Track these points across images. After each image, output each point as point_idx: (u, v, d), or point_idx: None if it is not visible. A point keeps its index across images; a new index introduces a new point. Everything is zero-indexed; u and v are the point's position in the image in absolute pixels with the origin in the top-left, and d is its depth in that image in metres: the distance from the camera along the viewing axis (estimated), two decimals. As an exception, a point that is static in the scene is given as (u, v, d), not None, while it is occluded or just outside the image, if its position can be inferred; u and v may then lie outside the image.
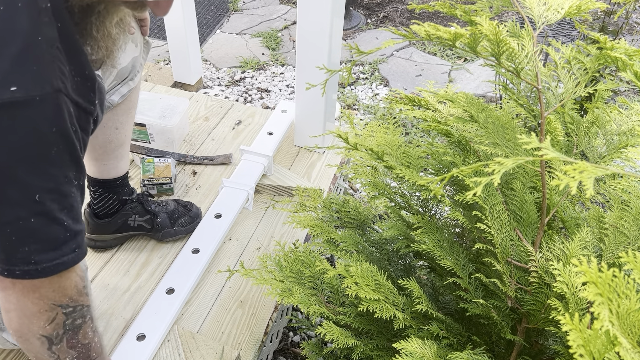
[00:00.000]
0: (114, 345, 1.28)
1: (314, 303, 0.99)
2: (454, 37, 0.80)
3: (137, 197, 1.52)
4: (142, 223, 1.51)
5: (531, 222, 0.94)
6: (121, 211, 1.47)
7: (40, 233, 0.72)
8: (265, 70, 3.08)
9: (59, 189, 0.73)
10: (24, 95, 0.64)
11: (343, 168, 1.66)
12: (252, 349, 1.31)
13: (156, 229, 1.52)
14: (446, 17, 3.69)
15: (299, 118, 1.86)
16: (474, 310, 0.90)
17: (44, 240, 0.73)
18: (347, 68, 1.00)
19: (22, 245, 0.71)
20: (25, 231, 0.71)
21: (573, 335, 0.53)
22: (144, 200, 1.51)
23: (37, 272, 0.73)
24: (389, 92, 2.94)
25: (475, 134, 0.98)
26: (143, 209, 1.50)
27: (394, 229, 1.05)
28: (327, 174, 1.84)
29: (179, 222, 1.55)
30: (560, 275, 0.77)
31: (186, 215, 1.57)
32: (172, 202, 1.57)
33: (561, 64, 1.01)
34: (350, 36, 3.49)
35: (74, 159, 0.74)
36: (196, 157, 1.86)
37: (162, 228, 1.52)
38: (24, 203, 0.69)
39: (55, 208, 0.73)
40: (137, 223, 1.50)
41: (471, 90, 2.95)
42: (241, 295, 1.43)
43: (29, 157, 0.68)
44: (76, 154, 0.74)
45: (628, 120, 1.05)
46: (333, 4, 1.51)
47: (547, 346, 0.97)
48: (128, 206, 1.48)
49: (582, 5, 0.79)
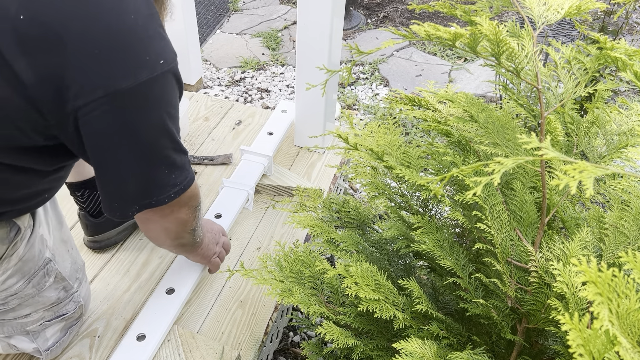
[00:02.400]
0: (114, 345, 1.28)
1: (314, 303, 0.99)
2: (453, 37, 0.80)
3: None
4: None
5: (531, 222, 0.94)
6: None
7: (179, 162, 0.94)
8: (265, 70, 3.08)
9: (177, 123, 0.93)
10: (168, 64, 0.83)
11: (343, 168, 1.66)
12: (252, 349, 1.31)
13: None
14: (446, 17, 3.69)
15: (299, 118, 1.86)
16: (474, 310, 0.90)
17: (180, 167, 0.94)
18: (347, 68, 1.00)
19: (170, 174, 0.92)
20: (172, 163, 0.92)
21: (573, 335, 0.53)
22: None
23: (182, 190, 0.95)
24: (389, 92, 2.94)
25: (475, 134, 0.98)
26: None
27: (393, 229, 1.05)
28: (327, 174, 1.84)
29: None
30: (560, 275, 0.77)
31: None
32: None
33: (561, 64, 1.01)
34: (350, 36, 3.49)
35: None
36: (196, 157, 1.86)
37: None
38: (171, 144, 0.90)
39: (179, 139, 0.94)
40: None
41: (471, 90, 2.95)
42: (241, 295, 1.43)
43: (174, 105, 0.88)
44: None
45: (628, 120, 1.05)
46: (333, 4, 1.51)
47: (548, 346, 0.97)
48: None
49: (581, 6, 0.80)
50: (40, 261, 1.08)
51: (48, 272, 1.10)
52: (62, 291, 1.15)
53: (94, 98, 0.76)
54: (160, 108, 0.85)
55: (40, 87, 0.75)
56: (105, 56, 0.76)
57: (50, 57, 0.74)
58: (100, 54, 0.75)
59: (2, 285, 1.02)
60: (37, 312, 1.13)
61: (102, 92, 0.76)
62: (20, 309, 1.10)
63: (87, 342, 1.28)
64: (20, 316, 1.11)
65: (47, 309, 1.14)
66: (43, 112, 0.78)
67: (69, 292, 1.17)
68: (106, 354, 1.26)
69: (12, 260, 1.01)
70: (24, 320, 1.12)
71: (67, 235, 1.19)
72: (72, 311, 1.20)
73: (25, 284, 1.06)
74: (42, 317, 1.14)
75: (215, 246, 1.33)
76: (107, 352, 1.27)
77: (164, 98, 0.85)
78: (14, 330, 1.13)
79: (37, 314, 1.13)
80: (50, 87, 0.75)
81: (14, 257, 1.01)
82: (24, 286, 1.06)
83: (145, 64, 0.79)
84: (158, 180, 0.91)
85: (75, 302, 1.20)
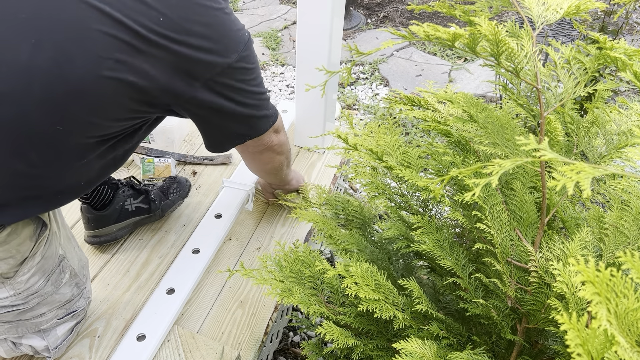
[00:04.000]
0: (114, 345, 1.28)
1: (314, 303, 0.99)
2: (453, 37, 0.80)
3: (126, 181, 1.54)
4: (139, 204, 1.53)
5: (531, 222, 0.94)
6: (116, 197, 1.48)
7: (266, 96, 1.16)
8: (265, 70, 3.08)
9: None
10: (245, 31, 1.06)
11: (343, 168, 1.66)
12: (252, 349, 1.31)
13: (153, 206, 1.55)
14: (446, 17, 3.69)
15: (299, 118, 1.86)
16: (474, 310, 0.90)
17: (267, 100, 1.18)
18: (347, 68, 1.00)
19: (265, 107, 1.17)
20: (264, 98, 1.16)
21: (571, 335, 0.53)
22: (132, 183, 1.55)
23: (276, 116, 1.22)
24: (389, 92, 2.95)
25: (475, 134, 0.98)
26: (135, 190, 1.53)
27: (393, 229, 1.05)
28: (328, 174, 1.84)
29: (171, 192, 1.61)
30: (560, 275, 0.77)
31: (174, 183, 1.63)
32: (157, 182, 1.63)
33: (561, 64, 1.01)
34: (350, 36, 3.49)
35: None
36: (196, 157, 1.86)
37: (158, 203, 1.56)
38: (261, 84, 1.13)
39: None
40: (135, 206, 1.52)
41: (471, 90, 2.95)
42: (241, 295, 1.43)
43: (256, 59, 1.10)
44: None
45: (628, 120, 1.05)
46: (333, 4, 1.51)
47: (548, 346, 0.97)
48: (120, 190, 1.50)
49: (581, 5, 0.80)
50: (57, 258, 1.09)
51: (63, 269, 1.11)
52: (75, 287, 1.17)
53: (233, 59, 1.00)
54: (256, 59, 1.10)
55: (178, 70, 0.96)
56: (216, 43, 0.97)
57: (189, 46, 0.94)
58: (212, 44, 0.96)
59: (26, 284, 1.03)
60: (51, 311, 1.14)
61: (236, 56, 1.00)
62: (38, 308, 1.10)
63: (87, 342, 1.29)
64: (37, 315, 1.11)
65: (61, 306, 1.15)
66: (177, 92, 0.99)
67: (81, 288, 1.19)
68: (106, 354, 1.26)
69: (36, 258, 1.01)
70: (39, 320, 1.13)
71: (71, 232, 1.20)
72: (82, 307, 1.21)
73: (45, 282, 1.06)
74: (55, 315, 1.15)
75: (292, 180, 1.61)
76: (107, 352, 1.27)
77: (252, 55, 1.07)
78: (27, 330, 1.13)
79: (52, 312, 1.14)
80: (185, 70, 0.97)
81: (38, 254, 1.01)
82: (44, 284, 1.06)
83: (240, 29, 1.03)
84: (262, 115, 1.17)
85: (85, 298, 1.22)
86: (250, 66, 1.06)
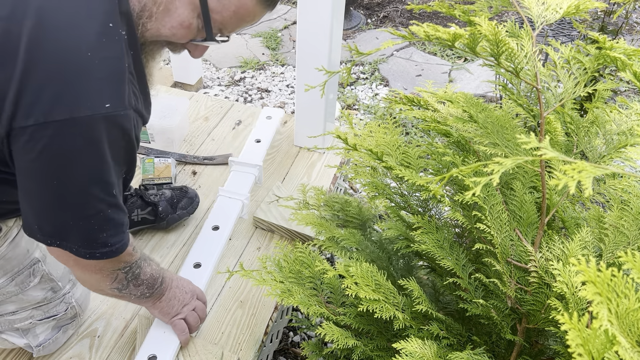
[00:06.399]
0: (114, 345, 1.28)
1: (314, 303, 0.99)
2: (453, 37, 0.80)
3: (135, 191, 1.53)
4: (145, 216, 1.52)
5: (531, 222, 0.94)
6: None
7: (115, 221, 0.89)
8: (265, 70, 3.08)
9: (120, 183, 0.89)
10: (114, 110, 0.79)
11: (343, 168, 1.66)
12: (252, 349, 1.31)
13: (160, 218, 1.54)
14: (446, 17, 3.69)
15: (299, 118, 1.86)
16: (474, 310, 0.90)
17: (117, 226, 0.90)
18: (346, 68, 1.00)
19: (101, 232, 0.87)
20: (105, 221, 0.87)
21: (572, 335, 0.53)
22: (142, 193, 1.53)
23: (113, 252, 0.91)
24: (389, 92, 2.94)
25: (475, 134, 0.98)
26: (143, 201, 1.52)
27: (393, 229, 1.05)
28: (327, 174, 1.84)
29: (179, 206, 1.58)
30: (560, 275, 0.77)
31: (185, 197, 1.60)
32: (167, 190, 1.60)
33: (560, 64, 1.01)
34: (350, 36, 3.49)
35: (134, 158, 0.92)
36: (196, 157, 1.86)
37: (165, 216, 1.54)
38: (105, 198, 0.85)
39: (120, 199, 0.89)
40: (141, 217, 1.52)
41: (471, 90, 2.95)
42: (241, 295, 1.43)
43: (114, 158, 0.83)
44: (135, 154, 0.92)
45: (628, 120, 1.05)
46: (333, 4, 1.51)
47: (548, 346, 0.97)
48: (129, 202, 1.48)
49: (580, 5, 0.80)
50: (27, 261, 1.09)
51: (34, 273, 1.11)
52: (49, 292, 1.16)
53: (26, 125, 0.75)
54: (95, 153, 0.80)
55: None
56: (49, 87, 0.75)
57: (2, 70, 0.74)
58: (45, 84, 0.75)
59: None
60: (25, 311, 1.14)
61: (33, 120, 0.75)
62: (4, 305, 1.11)
63: (87, 342, 1.28)
64: (7, 312, 1.12)
65: (35, 307, 1.15)
66: None
67: (58, 293, 1.18)
68: (106, 354, 1.26)
69: None
70: (11, 318, 1.13)
71: None
72: (62, 312, 1.21)
73: (8, 282, 1.07)
74: (31, 315, 1.15)
75: (181, 307, 1.20)
76: (107, 352, 1.27)
77: (100, 144, 0.80)
78: (2, 327, 1.15)
79: (25, 312, 1.14)
80: None
81: None
82: (6, 283, 1.07)
83: (85, 103, 0.76)
84: (83, 231, 0.86)
85: (66, 303, 1.21)
86: None
